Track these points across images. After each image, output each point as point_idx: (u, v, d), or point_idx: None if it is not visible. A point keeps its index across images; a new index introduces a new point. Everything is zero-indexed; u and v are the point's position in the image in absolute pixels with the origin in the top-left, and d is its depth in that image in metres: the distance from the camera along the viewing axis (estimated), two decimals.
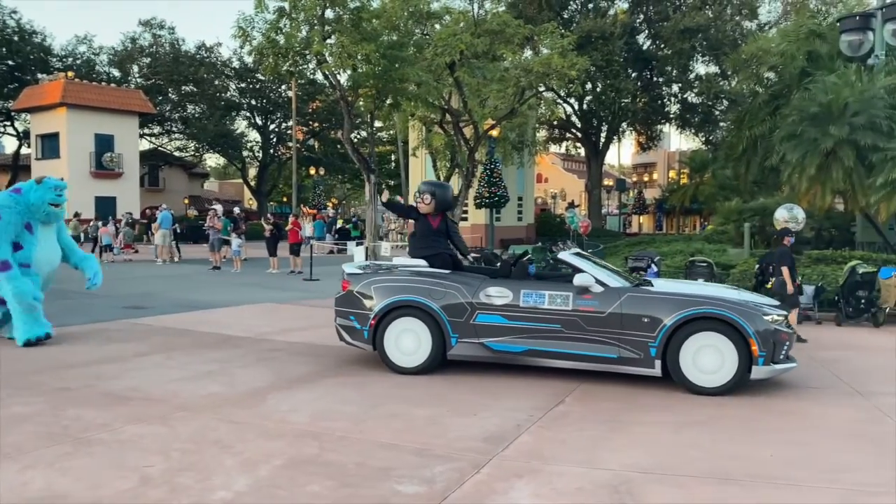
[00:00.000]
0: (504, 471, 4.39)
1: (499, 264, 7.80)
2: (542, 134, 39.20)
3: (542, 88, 22.68)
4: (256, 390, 6.32)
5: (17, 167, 42.63)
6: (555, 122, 38.98)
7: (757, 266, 11.40)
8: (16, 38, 41.23)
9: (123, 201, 36.21)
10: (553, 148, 49.88)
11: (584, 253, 7.78)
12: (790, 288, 9.28)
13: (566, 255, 7.18)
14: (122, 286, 15.41)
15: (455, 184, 25.51)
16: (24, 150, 42.77)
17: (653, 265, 11.86)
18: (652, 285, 7.09)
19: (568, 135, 43.27)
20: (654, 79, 38.90)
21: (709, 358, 6.33)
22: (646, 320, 6.46)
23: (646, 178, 63.87)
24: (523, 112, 23.20)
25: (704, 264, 11.70)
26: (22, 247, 8.49)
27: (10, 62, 41.38)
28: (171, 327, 9.79)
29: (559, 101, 34.07)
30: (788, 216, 13.16)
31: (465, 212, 27.64)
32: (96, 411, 5.48)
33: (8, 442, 4.71)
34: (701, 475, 4.39)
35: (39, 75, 40.88)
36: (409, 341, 7.08)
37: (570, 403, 6.08)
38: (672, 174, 60.13)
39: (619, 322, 6.53)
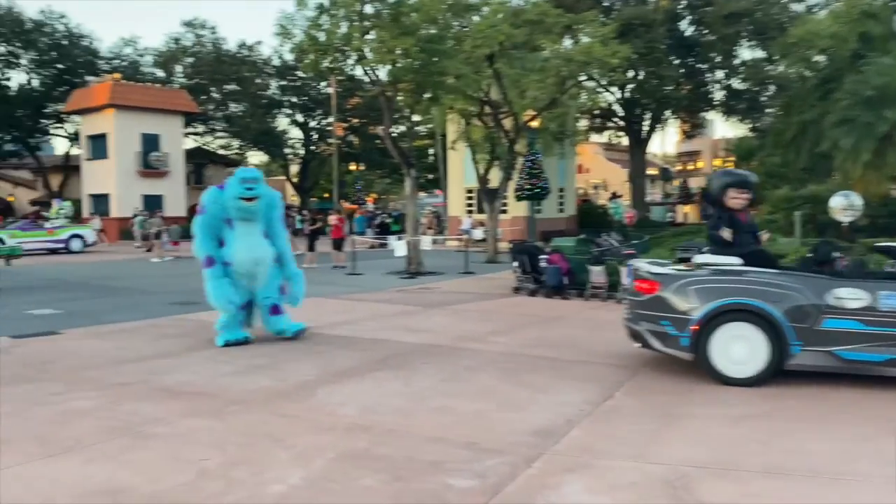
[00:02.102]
0: (556, 465, 4.35)
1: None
2: (583, 123, 38.79)
3: (583, 77, 22.43)
4: (305, 384, 6.39)
5: (67, 168, 43.91)
6: (596, 112, 38.54)
7: (810, 255, 11.09)
8: (65, 42, 42.42)
9: (170, 199, 37.02)
10: (595, 137, 49.34)
11: None
12: None
13: None
14: (170, 283, 15.77)
15: (494, 176, 25.42)
16: (74, 151, 43.96)
17: None
18: None
19: (610, 124, 42.76)
20: (698, 65, 38.17)
21: None
22: None
23: (691, 167, 62.77)
24: (564, 102, 22.95)
25: None
26: (224, 244, 8.30)
27: (59, 66, 42.57)
28: None
29: (600, 89, 33.64)
30: (845, 203, 12.80)
31: (505, 204, 27.50)
32: (153, 405, 5.61)
33: (71, 435, 4.85)
34: (758, 470, 4.29)
35: (88, 77, 41.93)
36: (740, 349, 6.26)
37: (621, 398, 6.00)
38: (717, 162, 58.97)
39: None
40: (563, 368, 7.07)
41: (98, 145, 37.54)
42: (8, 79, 41.81)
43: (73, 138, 43.50)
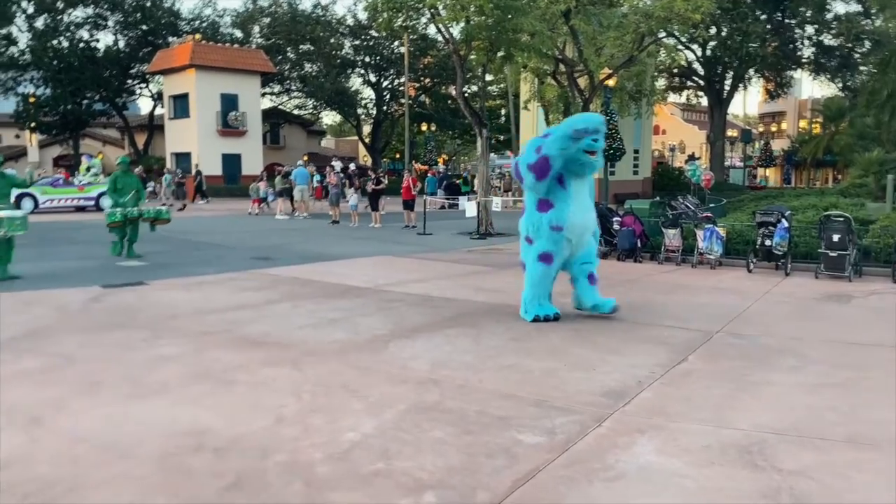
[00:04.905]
0: (626, 426, 4.34)
1: None
2: (661, 83, 37.49)
3: (662, 34, 21.62)
4: (378, 338, 6.53)
5: (152, 127, 45.56)
6: (675, 70, 37.20)
7: None
8: (148, 4, 43.63)
9: (247, 158, 37.93)
10: (672, 97, 47.72)
11: None
12: None
13: None
14: (249, 239, 16.29)
15: None
16: (158, 111, 45.50)
17: (783, 220, 11.19)
18: None
19: (689, 83, 41.24)
20: (786, 20, 36.17)
21: None
22: None
23: (773, 129, 59.98)
24: (642, 60, 22.21)
25: (841, 219, 10.90)
26: (553, 205, 7.09)
27: (143, 27, 43.89)
28: (297, 277, 10.25)
29: (681, 47, 32.39)
30: None
31: None
32: (234, 354, 5.86)
33: (158, 379, 5.12)
34: (839, 439, 4.17)
35: (170, 39, 43.10)
36: None
37: (694, 361, 5.89)
38: (803, 124, 56.20)
39: None
40: (635, 331, 6.99)
41: (180, 105, 38.68)
42: (96, 40, 43.47)
43: (157, 98, 44.98)
